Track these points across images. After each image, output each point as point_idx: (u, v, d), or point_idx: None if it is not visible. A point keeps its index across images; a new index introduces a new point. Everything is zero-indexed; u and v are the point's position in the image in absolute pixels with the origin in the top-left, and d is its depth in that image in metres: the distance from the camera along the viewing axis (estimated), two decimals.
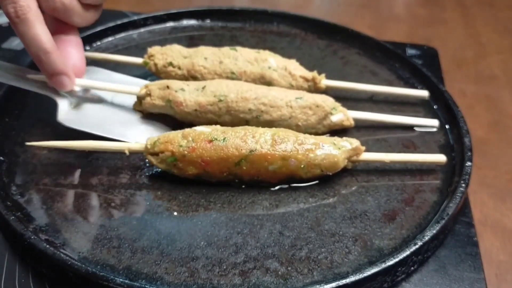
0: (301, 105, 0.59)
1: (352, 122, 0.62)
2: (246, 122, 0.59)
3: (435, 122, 0.64)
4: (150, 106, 0.60)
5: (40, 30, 0.52)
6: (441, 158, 0.57)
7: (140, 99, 0.60)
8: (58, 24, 0.57)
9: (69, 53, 0.57)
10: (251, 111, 0.59)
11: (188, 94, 0.59)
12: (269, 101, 0.59)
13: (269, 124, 0.58)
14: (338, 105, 0.61)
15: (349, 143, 0.55)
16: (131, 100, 0.61)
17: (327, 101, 0.60)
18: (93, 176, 0.55)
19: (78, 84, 0.58)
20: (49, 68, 0.54)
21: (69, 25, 0.58)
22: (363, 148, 0.56)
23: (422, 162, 0.58)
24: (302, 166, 0.53)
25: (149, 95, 0.59)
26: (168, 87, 0.59)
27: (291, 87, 0.65)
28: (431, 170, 0.58)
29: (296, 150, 0.53)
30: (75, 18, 0.57)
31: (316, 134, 0.59)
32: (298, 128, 0.59)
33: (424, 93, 0.68)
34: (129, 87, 0.60)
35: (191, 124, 0.58)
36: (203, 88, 0.59)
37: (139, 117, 0.61)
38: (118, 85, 0.60)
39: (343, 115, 0.61)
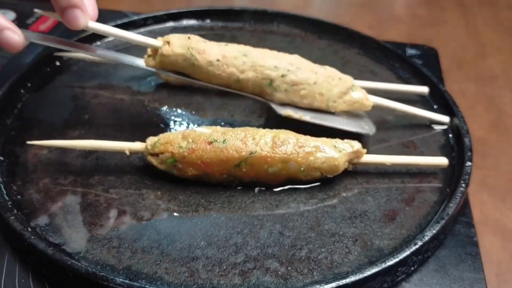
0: (326, 74, 0.60)
1: (371, 102, 0.61)
2: (271, 81, 0.59)
3: (445, 118, 0.64)
4: (168, 55, 0.57)
5: None
6: (443, 161, 0.57)
7: (156, 50, 0.58)
8: None
9: None
10: (277, 68, 0.58)
11: (211, 46, 0.59)
12: (295, 62, 0.60)
13: (294, 87, 0.58)
14: (357, 86, 0.62)
15: (350, 146, 0.55)
16: None
17: (348, 79, 0.61)
18: (93, 176, 0.55)
19: (91, 27, 0.54)
20: (63, 1, 0.51)
21: None
22: (364, 150, 0.56)
23: (423, 165, 0.58)
24: (302, 169, 0.53)
25: (167, 43, 0.58)
26: (189, 37, 0.59)
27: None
28: (431, 171, 0.58)
29: (296, 153, 0.53)
30: None
31: (335, 110, 0.59)
32: (321, 97, 0.59)
33: (424, 89, 0.68)
34: (147, 38, 0.58)
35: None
36: (226, 45, 0.60)
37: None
38: (134, 34, 0.58)
39: (362, 94, 0.61)
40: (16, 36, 0.52)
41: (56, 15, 0.53)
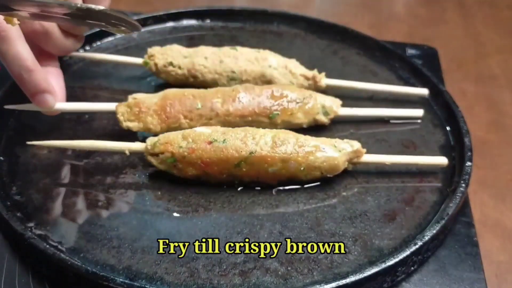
0: None
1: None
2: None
3: (419, 112, 0.64)
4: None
5: (21, 48, 0.50)
6: (442, 160, 0.57)
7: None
8: (37, 53, 0.54)
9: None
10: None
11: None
12: None
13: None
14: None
15: (349, 145, 0.55)
16: None
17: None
18: (93, 176, 0.55)
19: (58, 108, 0.55)
20: (31, 87, 0.52)
21: (48, 54, 0.56)
22: (364, 150, 0.56)
23: (423, 165, 0.58)
24: (302, 168, 0.53)
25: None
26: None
27: (291, 85, 0.65)
28: (431, 171, 0.58)
29: (296, 153, 0.53)
30: (54, 44, 0.55)
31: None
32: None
33: (423, 91, 0.68)
34: (106, 105, 0.60)
35: None
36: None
37: None
38: (97, 104, 0.60)
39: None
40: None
41: (28, 106, 0.54)
